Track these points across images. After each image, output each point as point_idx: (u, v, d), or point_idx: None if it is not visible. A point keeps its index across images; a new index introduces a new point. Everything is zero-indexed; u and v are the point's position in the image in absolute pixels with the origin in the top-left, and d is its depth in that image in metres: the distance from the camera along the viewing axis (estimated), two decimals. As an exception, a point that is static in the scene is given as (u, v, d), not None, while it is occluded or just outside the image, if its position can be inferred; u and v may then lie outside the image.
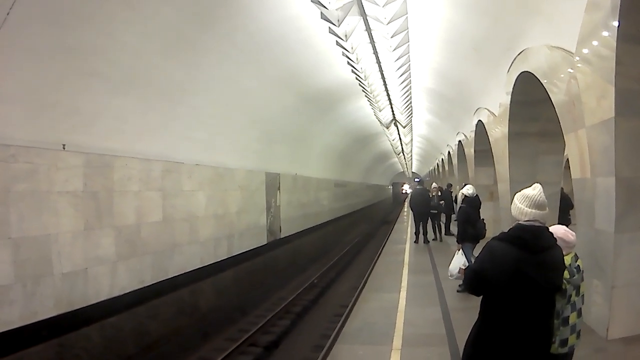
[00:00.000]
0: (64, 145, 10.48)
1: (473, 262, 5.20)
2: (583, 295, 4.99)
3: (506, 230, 4.78)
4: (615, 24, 6.18)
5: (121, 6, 10.12)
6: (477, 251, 11.08)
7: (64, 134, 10.50)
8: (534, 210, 4.50)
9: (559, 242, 4.81)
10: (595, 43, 7.08)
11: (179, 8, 11.32)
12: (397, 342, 9.46)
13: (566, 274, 4.74)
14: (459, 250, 12.05)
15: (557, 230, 4.99)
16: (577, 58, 7.68)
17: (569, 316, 4.80)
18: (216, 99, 15.90)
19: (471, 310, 4.95)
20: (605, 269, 6.75)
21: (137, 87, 12.24)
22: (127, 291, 12.47)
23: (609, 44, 6.43)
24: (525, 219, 4.52)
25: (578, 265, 4.99)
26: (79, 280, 10.89)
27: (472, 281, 4.79)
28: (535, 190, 4.59)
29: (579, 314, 4.91)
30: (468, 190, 13.12)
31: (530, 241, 4.43)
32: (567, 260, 4.88)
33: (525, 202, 4.55)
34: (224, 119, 17.18)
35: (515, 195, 4.71)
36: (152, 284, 13.46)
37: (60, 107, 10.25)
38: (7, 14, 8.09)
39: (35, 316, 9.70)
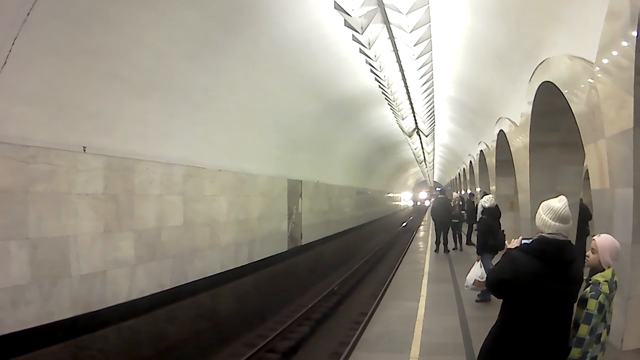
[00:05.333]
0: (84, 147, 10.57)
1: (494, 265, 5.20)
2: (611, 312, 4.93)
3: (526, 237, 4.80)
4: (634, 33, 6.17)
5: (144, 8, 10.21)
6: (496, 261, 11.11)
7: (84, 135, 10.59)
8: (558, 224, 4.47)
9: (613, 253, 4.78)
10: (614, 53, 7.07)
11: (203, 11, 11.40)
12: (415, 350, 9.46)
13: (606, 288, 4.61)
14: (478, 261, 12.04)
15: (614, 240, 4.94)
16: (597, 68, 7.67)
17: (601, 333, 4.67)
18: (239, 104, 15.98)
19: (489, 320, 4.97)
20: (622, 280, 6.74)
21: (159, 91, 12.34)
22: (146, 294, 12.53)
23: (628, 53, 6.41)
24: (549, 232, 4.50)
25: (615, 281, 4.88)
26: (97, 283, 10.98)
27: (493, 287, 4.82)
28: (560, 203, 4.55)
29: (608, 331, 4.84)
30: (486, 202, 13.12)
31: (553, 255, 4.44)
32: (608, 274, 4.74)
33: (550, 214, 4.53)
34: (247, 124, 17.28)
35: (540, 206, 4.69)
36: (172, 288, 13.52)
37: (81, 109, 10.35)
38: (28, 14, 8.16)
39: (52, 317, 9.77)
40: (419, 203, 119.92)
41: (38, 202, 9.55)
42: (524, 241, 4.75)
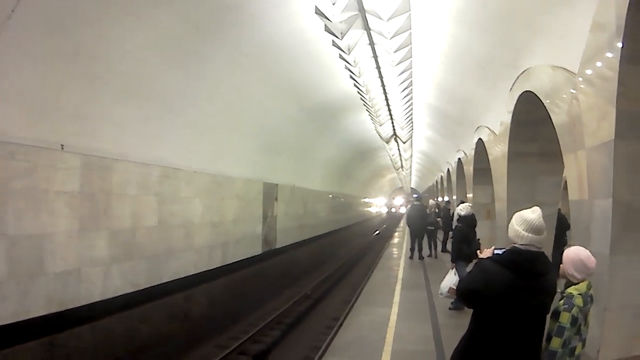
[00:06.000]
0: (62, 145, 10.45)
1: (465, 275, 5.16)
2: (588, 325, 4.88)
3: (499, 246, 4.75)
4: (620, 44, 6.15)
5: (125, 13, 10.18)
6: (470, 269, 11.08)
7: (63, 135, 10.48)
8: (531, 235, 4.43)
9: (577, 265, 4.75)
10: (598, 64, 7.05)
11: (184, 17, 11.40)
12: (386, 357, 9.46)
13: (579, 302, 4.56)
14: (452, 269, 12.04)
15: (581, 252, 4.82)
16: (580, 79, 7.66)
17: (575, 347, 4.61)
18: (218, 108, 15.95)
19: (462, 328, 4.91)
20: (600, 291, 6.72)
21: (138, 95, 12.28)
22: (120, 294, 12.42)
23: (612, 65, 6.39)
24: (522, 243, 4.45)
25: (591, 294, 4.84)
26: (72, 281, 10.85)
27: (463, 297, 4.78)
28: (534, 214, 4.51)
29: (584, 344, 4.78)
30: (462, 210, 13.17)
31: (525, 266, 4.39)
32: (583, 287, 4.68)
33: (523, 225, 4.48)
34: (225, 128, 17.22)
35: (514, 216, 4.65)
36: (145, 288, 13.41)
37: (61, 110, 10.27)
38: (11, 11, 8.06)
39: (28, 314, 9.67)
40: (393, 210, 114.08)
41: (17, 199, 9.45)
42: (496, 251, 4.71)
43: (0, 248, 9.13)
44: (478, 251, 5.06)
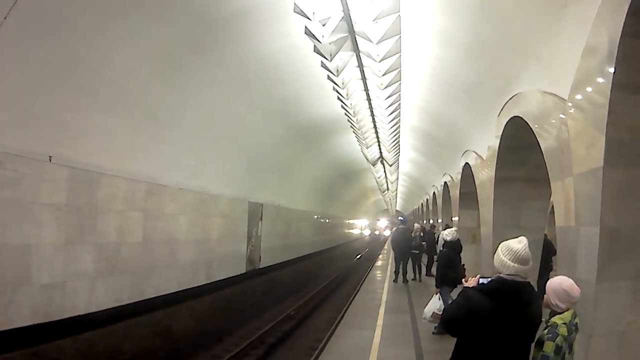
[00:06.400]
0: (50, 157, 10.48)
1: (450, 304, 5.16)
2: (574, 353, 4.88)
3: (485, 275, 4.74)
4: (611, 70, 6.15)
5: (116, 23, 10.16)
6: (455, 294, 11.06)
7: (50, 145, 10.50)
8: (517, 265, 4.47)
9: (560, 295, 4.76)
10: (588, 89, 7.05)
11: (173, 30, 11.39)
12: (368, 381, 9.39)
13: (564, 331, 4.60)
14: (436, 293, 12.02)
15: (564, 282, 4.88)
16: (570, 104, 7.67)
17: None
18: (205, 125, 15.94)
19: (445, 353, 4.90)
20: (585, 318, 6.71)
21: (126, 107, 12.27)
22: (104, 308, 12.42)
23: (603, 91, 6.39)
24: (508, 273, 4.49)
25: (576, 323, 4.85)
26: (57, 293, 10.87)
27: (447, 325, 4.77)
28: (520, 244, 4.54)
29: None
30: (448, 235, 13.20)
31: (510, 296, 4.43)
32: (567, 316, 4.74)
33: (509, 255, 4.51)
34: (211, 145, 17.20)
35: (500, 245, 4.68)
36: (129, 304, 13.39)
37: (48, 119, 10.28)
38: (4, 18, 8.04)
39: (12, 323, 9.66)
40: (377, 232, 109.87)
41: (3, 208, 9.46)
42: (481, 280, 4.70)
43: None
44: (463, 280, 5.05)
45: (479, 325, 4.42)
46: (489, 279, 4.66)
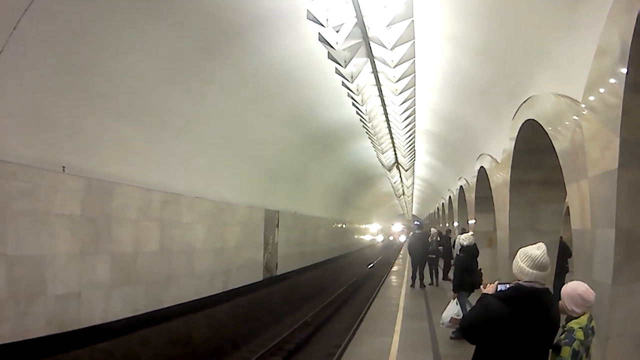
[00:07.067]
0: (63, 167, 10.47)
1: (468, 311, 5.16)
2: (591, 356, 4.88)
3: (502, 281, 4.75)
4: (624, 70, 6.12)
5: (128, 28, 10.16)
6: (472, 299, 11.04)
7: (64, 155, 10.49)
8: (535, 272, 4.48)
9: (576, 300, 4.76)
10: (601, 90, 7.01)
11: (186, 35, 11.39)
12: (387, 388, 9.37)
13: (580, 335, 4.61)
14: (454, 298, 12.01)
15: (579, 287, 4.89)
16: (583, 106, 7.63)
17: None
18: (220, 132, 15.93)
19: (464, 358, 4.92)
20: (601, 320, 6.68)
21: (140, 114, 12.30)
22: (120, 318, 12.37)
23: (616, 91, 6.35)
24: (526, 279, 4.50)
25: (592, 327, 4.85)
26: (72, 303, 10.83)
27: (466, 333, 4.77)
28: (539, 251, 4.54)
29: None
30: (464, 240, 13.17)
31: (529, 304, 4.43)
32: (583, 320, 4.75)
33: (528, 261, 4.52)
34: (227, 153, 17.21)
35: (518, 252, 4.69)
36: (146, 313, 13.36)
37: (61, 127, 10.29)
38: (16, 22, 8.08)
39: (26, 334, 9.63)
40: (391, 238, 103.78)
41: (17, 219, 9.44)
42: (499, 286, 4.71)
43: (1, 268, 9.12)
44: (482, 286, 5.05)
45: (498, 332, 4.43)
46: (507, 286, 4.67)
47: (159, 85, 12.24)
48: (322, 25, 9.98)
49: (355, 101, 16.20)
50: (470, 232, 15.03)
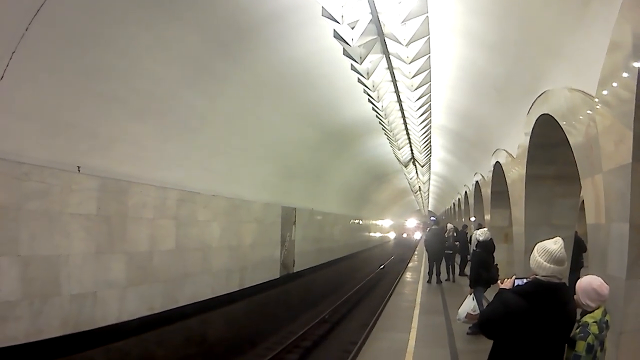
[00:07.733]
0: (78, 167, 10.53)
1: (486, 306, 5.18)
2: (605, 350, 4.89)
3: (519, 276, 4.77)
4: (637, 65, 6.12)
5: (143, 30, 10.19)
6: (489, 294, 11.05)
7: (79, 155, 10.55)
8: (552, 266, 4.48)
9: (590, 295, 4.76)
10: (614, 84, 7.00)
11: (202, 36, 11.42)
12: (404, 383, 9.39)
13: (595, 329, 4.60)
14: (470, 294, 12.01)
15: (593, 281, 4.86)
16: (597, 100, 7.62)
17: None
18: (236, 130, 15.97)
19: (481, 354, 4.94)
20: (615, 315, 6.69)
21: (156, 114, 12.32)
22: (136, 317, 12.43)
23: (629, 86, 6.34)
24: (544, 274, 4.51)
25: (607, 321, 4.85)
26: (87, 303, 10.89)
27: (484, 328, 4.79)
28: (556, 245, 4.54)
29: None
30: (480, 235, 13.16)
31: (546, 298, 4.44)
32: (598, 314, 4.73)
33: (545, 256, 4.52)
34: (243, 151, 17.24)
35: (535, 247, 4.69)
36: (162, 312, 13.42)
37: (77, 129, 10.32)
38: (26, 28, 8.11)
39: (41, 334, 9.68)
40: (404, 235, 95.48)
41: (31, 219, 9.47)
42: (517, 281, 4.75)
43: (14, 269, 9.18)
44: (499, 281, 5.07)
45: (516, 327, 4.45)
46: (525, 280, 4.70)
47: (175, 86, 12.28)
48: (337, 22, 10.00)
49: (372, 97, 16.21)
50: (486, 228, 15.03)
